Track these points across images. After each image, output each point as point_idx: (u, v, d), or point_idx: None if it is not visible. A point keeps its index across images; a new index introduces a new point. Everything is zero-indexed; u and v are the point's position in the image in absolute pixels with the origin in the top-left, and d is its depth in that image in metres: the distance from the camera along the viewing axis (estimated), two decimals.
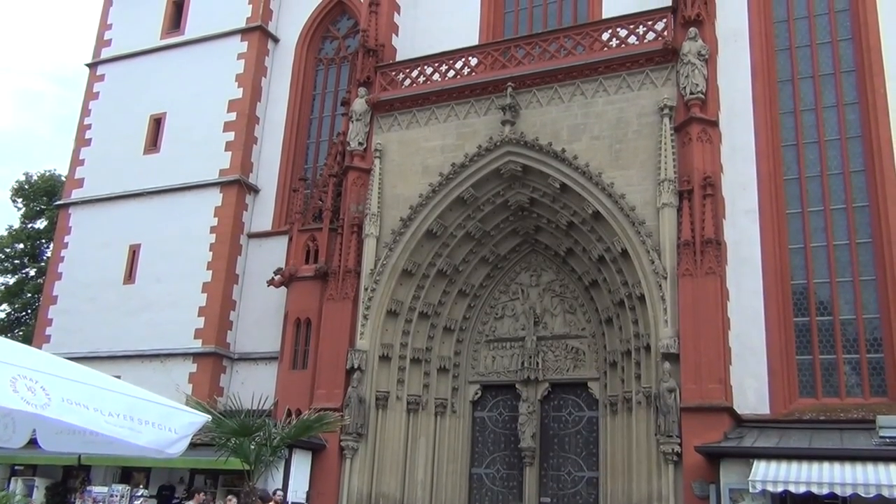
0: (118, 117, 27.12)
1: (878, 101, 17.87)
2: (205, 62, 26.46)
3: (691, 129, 17.56)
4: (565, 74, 19.53)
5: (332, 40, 26.50)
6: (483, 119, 20.24)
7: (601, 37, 19.57)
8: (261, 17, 26.18)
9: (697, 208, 16.99)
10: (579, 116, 19.20)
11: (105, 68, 28.45)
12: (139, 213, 25.46)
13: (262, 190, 25.15)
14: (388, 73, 21.88)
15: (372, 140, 21.33)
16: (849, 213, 17.94)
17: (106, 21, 29.18)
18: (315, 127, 25.97)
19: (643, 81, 18.74)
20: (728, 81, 18.83)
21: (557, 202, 19.21)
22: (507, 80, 19.78)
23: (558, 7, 22.73)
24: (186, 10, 27.63)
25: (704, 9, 18.36)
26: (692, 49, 17.97)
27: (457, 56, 21.23)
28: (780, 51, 19.59)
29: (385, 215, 20.47)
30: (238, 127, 25.10)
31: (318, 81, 26.35)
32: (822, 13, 19.53)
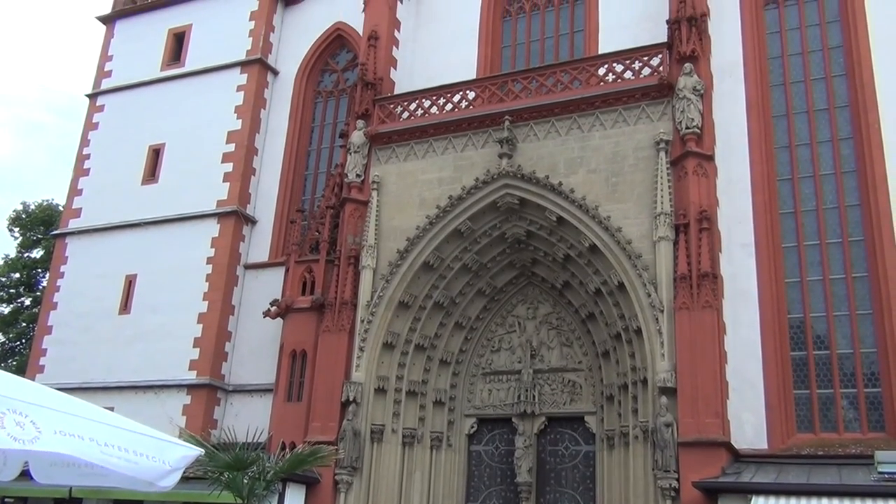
0: (117, 147, 27.23)
1: (872, 137, 18.02)
2: (204, 94, 26.65)
3: (687, 163, 17.67)
4: (562, 108, 19.68)
5: (331, 73, 26.73)
6: (480, 152, 20.35)
7: (597, 72, 19.75)
8: (261, 49, 26.42)
9: (694, 242, 17.03)
10: (576, 150, 19.32)
11: (105, 99, 28.63)
12: (136, 244, 25.45)
13: (260, 221, 25.19)
14: (387, 105, 22.04)
15: (370, 172, 21.42)
16: (845, 248, 18.00)
17: (107, 53, 29.42)
18: (313, 158, 26.09)
19: (639, 116, 18.89)
20: (723, 116, 18.99)
21: (554, 235, 19.25)
22: (505, 114, 19.93)
23: (555, 42, 22.97)
24: (187, 43, 27.87)
25: (699, 45, 18.56)
26: (688, 84, 18.14)
27: (455, 90, 21.40)
28: (775, 86, 19.79)
29: (382, 247, 20.49)
30: (236, 158, 25.21)
31: (317, 113, 26.54)
32: (815, 49, 19.77)
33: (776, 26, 20.30)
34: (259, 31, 26.65)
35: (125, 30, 29.35)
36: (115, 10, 29.77)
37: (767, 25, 20.34)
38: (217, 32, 27.33)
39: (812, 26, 19.99)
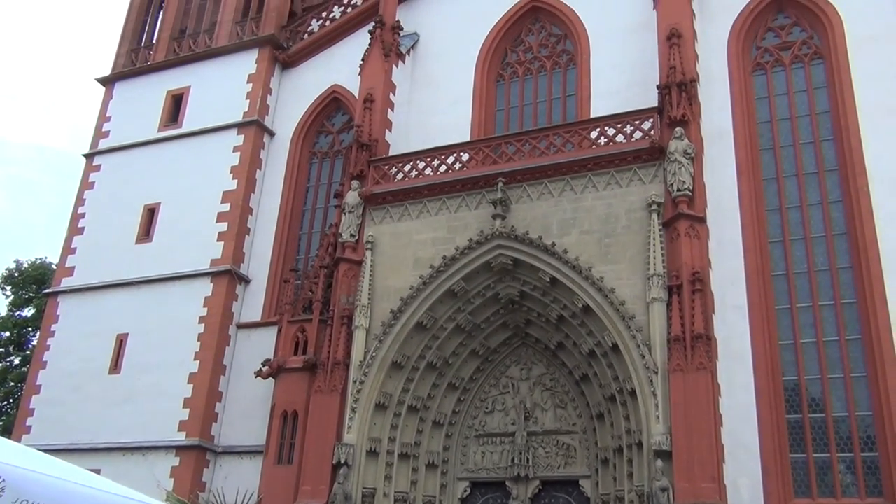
0: (112, 207, 27.33)
1: (861, 200, 18.22)
2: (201, 154, 26.89)
3: (679, 225, 17.79)
4: (555, 170, 19.90)
5: (326, 134, 27.05)
6: (474, 213, 20.49)
7: (590, 135, 20.04)
8: (258, 111, 26.77)
9: (687, 303, 17.04)
10: (569, 211, 19.47)
11: (102, 159, 28.82)
12: (128, 303, 25.35)
13: (253, 280, 25.16)
14: (381, 167, 22.25)
15: (364, 232, 21.50)
16: (837, 310, 18.03)
17: (105, 113, 29.72)
18: (308, 218, 26.21)
19: (631, 178, 19.10)
20: (714, 179, 19.21)
21: (548, 296, 19.26)
22: (498, 176, 20.13)
23: (548, 106, 23.35)
24: (185, 104, 28.22)
25: (689, 110, 18.88)
26: (678, 148, 18.40)
27: (449, 151, 21.65)
28: (765, 150, 20.09)
29: (375, 307, 20.44)
30: (231, 217, 25.31)
31: (312, 174, 26.76)
32: (803, 115, 20.14)
33: (764, 92, 20.72)
34: (256, 93, 27.05)
35: (124, 91, 29.74)
36: (115, 72, 30.20)
37: (756, 91, 20.76)
38: (215, 94, 27.72)
39: (799, 92, 20.41)
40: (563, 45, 23.82)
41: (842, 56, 19.75)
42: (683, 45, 19.57)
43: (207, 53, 28.60)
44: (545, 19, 24.32)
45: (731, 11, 21.31)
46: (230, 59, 28.05)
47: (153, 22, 31.15)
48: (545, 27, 24.31)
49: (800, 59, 20.71)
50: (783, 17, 21.26)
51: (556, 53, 23.82)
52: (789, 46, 20.90)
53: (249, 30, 28.49)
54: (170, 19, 30.34)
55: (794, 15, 21.13)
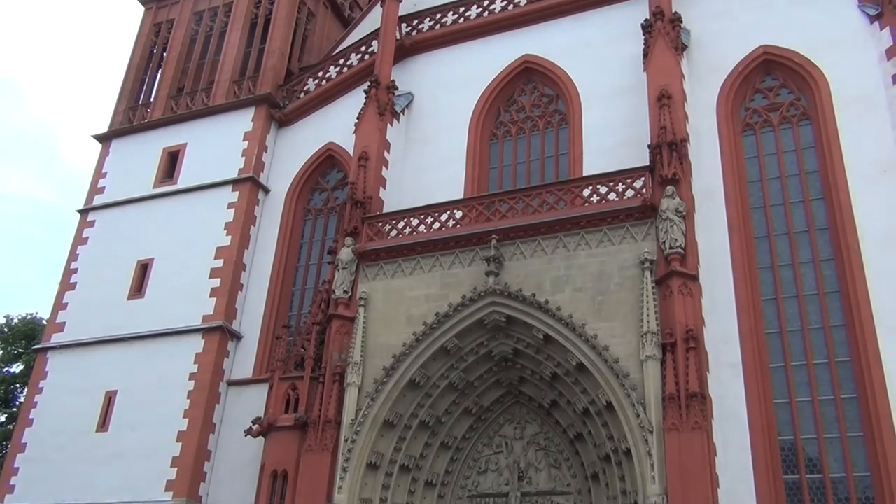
0: (105, 262, 27.27)
1: (852, 258, 18.33)
2: (195, 210, 26.98)
3: (672, 283, 17.81)
4: (548, 228, 19.99)
5: (321, 191, 27.20)
6: (468, 270, 20.50)
7: (582, 193, 20.21)
8: (253, 168, 26.96)
9: (681, 361, 16.95)
10: (562, 268, 19.50)
11: (96, 215, 28.87)
12: (118, 359, 25.08)
13: (245, 337, 24.98)
14: (375, 224, 22.34)
15: (357, 289, 21.46)
16: (832, 368, 17.98)
17: (101, 170, 29.85)
18: (301, 275, 26.17)
19: (623, 236, 19.20)
20: (706, 237, 19.32)
21: (541, 353, 19.16)
22: (492, 233, 20.21)
23: (540, 164, 23.59)
24: (181, 161, 28.40)
25: (680, 168, 19.09)
26: (670, 206, 18.54)
27: (442, 209, 21.78)
28: (755, 208, 20.28)
29: (368, 364, 20.28)
30: (224, 273, 25.26)
31: (306, 230, 26.82)
32: (793, 174, 20.39)
33: (754, 151, 21.01)
34: (252, 150, 27.29)
35: (121, 148, 29.96)
36: (112, 129, 30.47)
37: (745, 150, 21.06)
38: (211, 151, 27.95)
39: (788, 152, 20.71)
40: (555, 105, 24.19)
41: (829, 117, 20.10)
42: (673, 106, 19.89)
43: (204, 111, 28.93)
44: (538, 80, 24.75)
45: (719, 73, 21.75)
46: (227, 117, 28.38)
47: (151, 80, 31.59)
48: (538, 88, 24.72)
49: (788, 119, 21.07)
50: (771, 80, 21.69)
51: (549, 113, 24.17)
52: (777, 107, 21.27)
53: (246, 89, 28.88)
54: (168, 78, 30.76)
55: (781, 77, 21.56)
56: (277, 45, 29.35)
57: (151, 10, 32.90)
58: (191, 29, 31.63)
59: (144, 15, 32.99)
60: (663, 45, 21.12)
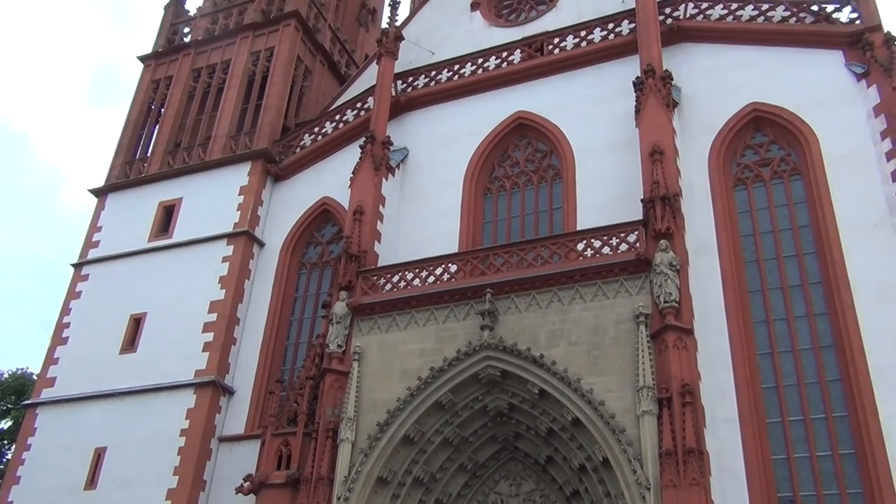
0: (98, 317, 27.12)
1: (846, 312, 18.36)
2: (190, 264, 26.96)
3: (667, 337, 17.76)
4: (542, 282, 20.01)
5: (316, 245, 27.25)
6: (462, 324, 20.44)
7: (576, 247, 20.28)
8: (248, 223, 27.04)
9: (678, 417, 16.80)
10: (557, 322, 19.45)
11: (90, 269, 28.80)
12: (108, 415, 24.76)
13: (238, 391, 24.73)
14: (370, 277, 22.34)
15: (351, 343, 21.35)
16: (829, 423, 17.85)
17: (96, 224, 29.91)
18: (295, 329, 26.05)
19: (618, 290, 19.21)
20: (700, 291, 19.36)
21: (537, 408, 18.99)
22: (486, 287, 20.21)
23: (534, 218, 23.73)
24: (176, 215, 28.49)
25: (674, 222, 19.21)
26: (664, 260, 18.61)
27: (437, 263, 21.81)
28: (749, 262, 20.37)
29: (361, 420, 20.05)
30: (217, 328, 25.12)
31: (301, 284, 26.79)
32: (785, 228, 20.55)
33: (746, 206, 21.20)
34: (248, 205, 27.41)
35: (116, 202, 30.07)
36: (109, 183, 30.63)
37: (738, 205, 21.25)
38: (206, 205, 28.06)
39: (780, 206, 20.90)
40: (548, 160, 24.44)
41: (819, 173, 20.35)
42: (666, 161, 20.11)
43: (201, 166, 29.14)
44: (531, 136, 25.05)
45: (710, 130, 22.07)
46: (223, 172, 28.57)
47: (149, 135, 31.87)
48: (531, 143, 25.02)
49: (779, 175, 21.31)
50: (761, 136, 22.01)
51: (543, 168, 24.41)
52: (768, 163, 21.54)
53: (243, 144, 29.15)
54: (165, 133, 31.06)
55: (771, 133, 21.88)
56: (274, 101, 29.73)
57: (150, 67, 33.36)
58: (189, 85, 32.05)
59: (143, 72, 33.44)
60: (655, 101, 21.46)
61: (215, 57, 32.14)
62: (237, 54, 31.51)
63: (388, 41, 27.54)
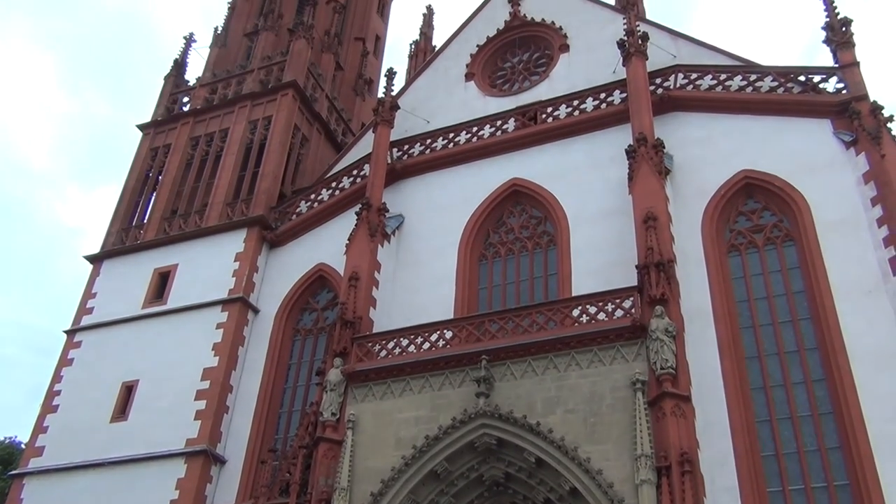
0: (89, 384, 26.79)
1: (844, 378, 18.25)
2: (183, 330, 26.78)
3: (664, 405, 17.59)
4: (538, 348, 19.91)
5: (311, 312, 27.16)
6: (458, 391, 20.24)
7: (572, 313, 20.24)
8: (243, 289, 26.98)
9: (677, 486, 16.50)
10: (553, 389, 19.28)
11: (83, 335, 28.58)
12: (97, 485, 24.22)
13: (229, 461, 24.28)
14: (365, 344, 22.20)
15: (345, 411, 21.09)
16: (830, 492, 17.57)
17: (91, 290, 29.81)
18: (288, 396, 25.73)
19: (614, 356, 19.11)
20: (697, 357, 19.25)
21: (533, 477, 18.66)
22: (482, 353, 20.09)
23: (530, 285, 23.75)
24: (171, 282, 28.41)
25: (668, 288, 19.23)
26: (660, 326, 18.56)
27: (432, 329, 21.72)
28: (745, 328, 20.33)
29: (355, 490, 19.65)
30: (210, 395, 24.82)
31: (295, 351, 26.59)
32: (779, 294, 20.59)
33: (740, 272, 21.28)
34: (243, 271, 27.40)
35: (111, 268, 30.04)
36: (105, 249, 30.67)
37: (732, 271, 21.33)
38: (202, 272, 28.04)
39: (774, 272, 20.99)
40: (543, 226, 24.60)
41: (812, 239, 20.51)
42: (659, 228, 20.25)
43: (197, 233, 29.24)
44: (526, 202, 25.27)
45: (702, 196, 22.31)
46: (219, 238, 28.65)
47: (146, 202, 32.09)
48: (526, 210, 25.22)
49: (772, 241, 21.46)
50: (753, 202, 22.24)
51: (537, 234, 24.56)
52: (761, 229, 21.71)
53: (239, 210, 29.32)
54: (162, 200, 31.26)
55: (763, 200, 22.12)
56: (271, 168, 30.04)
57: (149, 136, 33.79)
58: (187, 153, 32.40)
59: (142, 140, 33.85)
60: (647, 169, 21.74)
61: (213, 125, 32.59)
62: (235, 123, 31.97)
63: (384, 110, 28.02)
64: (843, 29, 23.26)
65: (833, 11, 23.75)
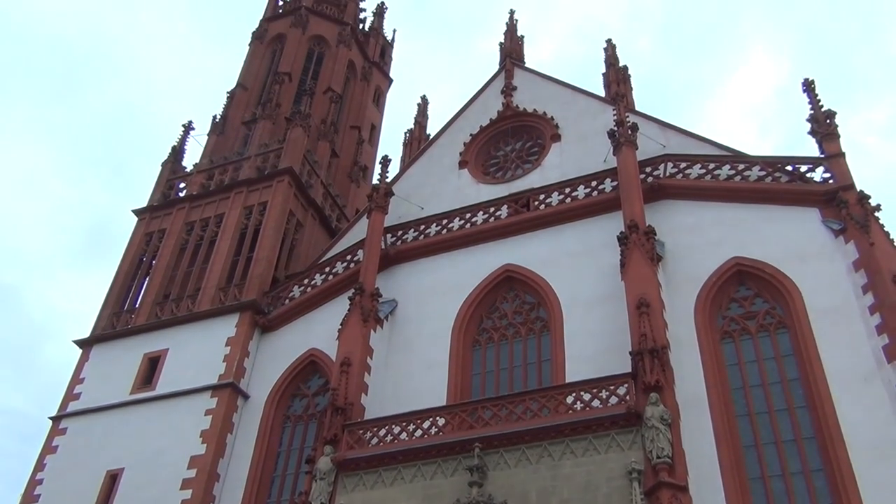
0: (73, 473, 26.13)
1: (843, 469, 17.94)
2: (171, 417, 26.32)
3: (662, 495, 17.21)
4: (532, 436, 19.60)
5: (301, 398, 26.76)
6: (450, 480, 19.80)
7: (566, 400, 20.03)
8: (234, 374, 26.65)
9: None
10: (548, 479, 18.89)
11: (69, 422, 28.02)
12: None
13: None
14: (356, 431, 21.82)
15: (335, 501, 20.56)
16: None
17: (79, 376, 29.36)
18: (277, 486, 25.07)
19: (609, 444, 18.80)
20: (693, 446, 18.91)
21: None
22: (475, 441, 19.76)
23: (523, 371, 23.56)
24: (161, 367, 28.05)
25: (663, 375, 19.08)
26: (655, 414, 18.34)
27: (425, 416, 21.41)
28: (741, 416, 20.09)
29: None
30: (197, 484, 24.19)
31: (285, 438, 26.07)
32: (774, 382, 20.44)
33: (734, 359, 21.18)
34: (234, 356, 27.13)
35: (101, 353, 29.69)
36: (94, 334, 30.39)
37: (726, 358, 21.23)
38: (192, 357, 27.75)
39: (768, 360, 20.89)
40: (536, 312, 24.58)
41: (805, 326, 20.50)
42: (653, 314, 20.24)
43: (189, 317, 29.10)
44: (519, 288, 25.32)
45: (694, 283, 22.40)
46: (211, 323, 28.49)
47: (138, 287, 32.02)
48: (519, 296, 25.24)
49: (765, 328, 21.44)
50: (745, 289, 22.32)
51: (531, 320, 24.51)
52: (753, 316, 21.72)
53: (232, 295, 29.25)
54: (155, 285, 31.20)
55: (755, 287, 22.21)
56: (265, 253, 30.15)
57: (144, 221, 34.02)
58: (181, 238, 32.55)
59: (137, 225, 34.07)
60: (639, 256, 21.89)
61: (209, 211, 32.88)
62: (231, 208, 32.27)
63: (378, 196, 28.37)
64: (827, 121, 23.85)
65: (817, 105, 24.40)
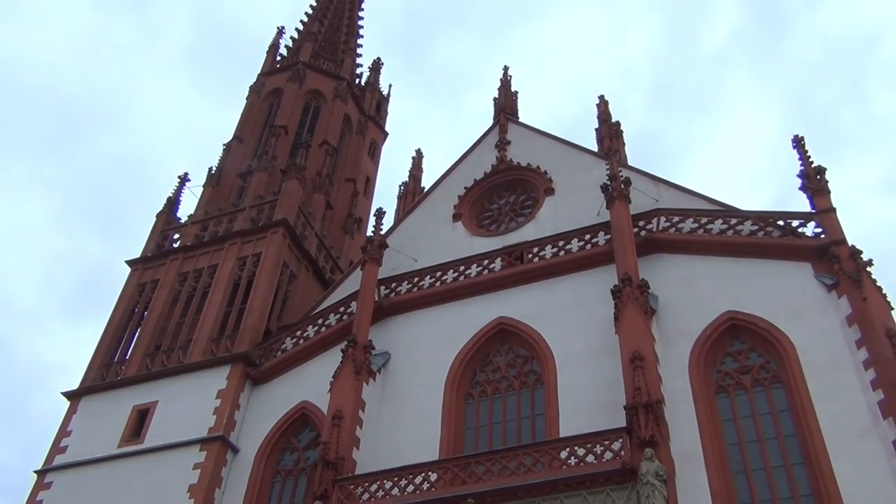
0: None
1: None
2: (159, 472, 25.78)
3: None
4: (525, 492, 19.30)
5: (292, 451, 26.33)
6: None
7: (560, 455, 19.78)
8: (223, 427, 26.23)
9: None
10: None
11: (54, 476, 27.41)
12: None
13: None
14: (347, 486, 21.46)
15: None
16: None
17: (66, 428, 28.86)
18: None
19: (604, 500, 18.51)
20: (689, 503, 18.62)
21: None
22: (468, 497, 19.46)
23: (516, 425, 23.29)
24: (150, 419, 27.60)
25: (658, 430, 18.89)
26: (650, 469, 18.10)
27: (416, 471, 21.10)
28: (737, 473, 19.81)
29: None
30: None
31: (274, 493, 25.54)
32: (770, 437, 20.22)
33: (729, 414, 20.97)
34: (224, 409, 26.75)
35: (89, 405, 29.25)
36: (83, 385, 29.96)
37: (721, 413, 21.01)
38: (182, 409, 27.34)
39: (764, 415, 20.68)
40: (530, 365, 24.42)
41: (799, 381, 20.37)
42: (647, 368, 20.12)
43: (179, 369, 28.77)
44: (513, 341, 25.20)
45: (688, 337, 22.32)
46: (201, 375, 28.16)
47: (129, 338, 31.70)
48: (513, 349, 25.10)
49: (760, 382, 21.30)
50: (739, 343, 22.24)
51: (524, 374, 24.33)
52: (748, 370, 21.60)
53: (224, 346, 29.00)
54: (146, 336, 30.93)
55: (749, 341, 22.13)
56: (258, 304, 29.99)
57: (138, 271, 33.87)
58: (174, 289, 32.41)
59: (130, 275, 33.89)
60: (633, 309, 21.85)
61: (203, 262, 32.81)
62: (224, 259, 32.22)
63: (372, 248, 28.40)
64: (818, 177, 24.07)
65: (808, 161, 24.65)
